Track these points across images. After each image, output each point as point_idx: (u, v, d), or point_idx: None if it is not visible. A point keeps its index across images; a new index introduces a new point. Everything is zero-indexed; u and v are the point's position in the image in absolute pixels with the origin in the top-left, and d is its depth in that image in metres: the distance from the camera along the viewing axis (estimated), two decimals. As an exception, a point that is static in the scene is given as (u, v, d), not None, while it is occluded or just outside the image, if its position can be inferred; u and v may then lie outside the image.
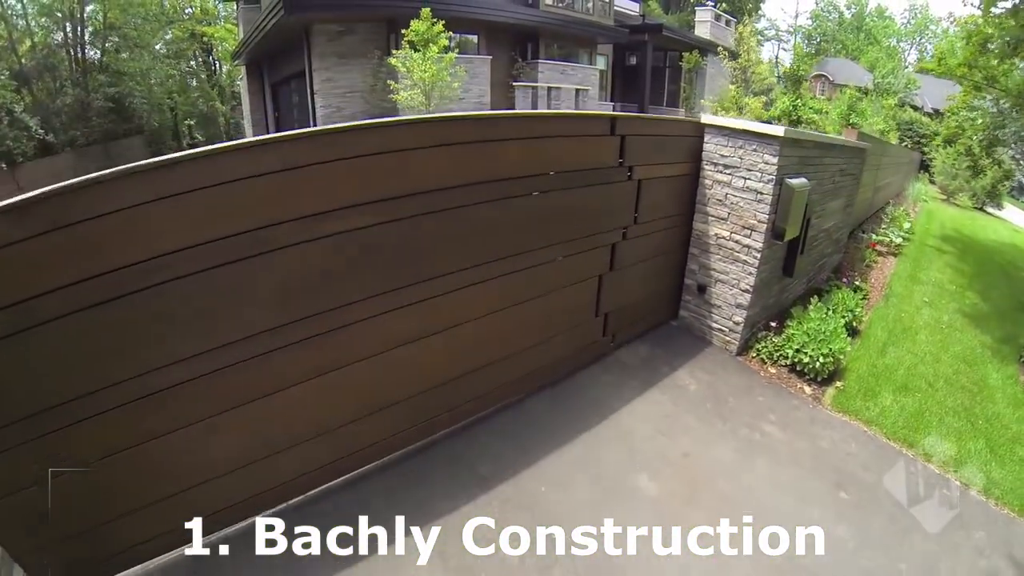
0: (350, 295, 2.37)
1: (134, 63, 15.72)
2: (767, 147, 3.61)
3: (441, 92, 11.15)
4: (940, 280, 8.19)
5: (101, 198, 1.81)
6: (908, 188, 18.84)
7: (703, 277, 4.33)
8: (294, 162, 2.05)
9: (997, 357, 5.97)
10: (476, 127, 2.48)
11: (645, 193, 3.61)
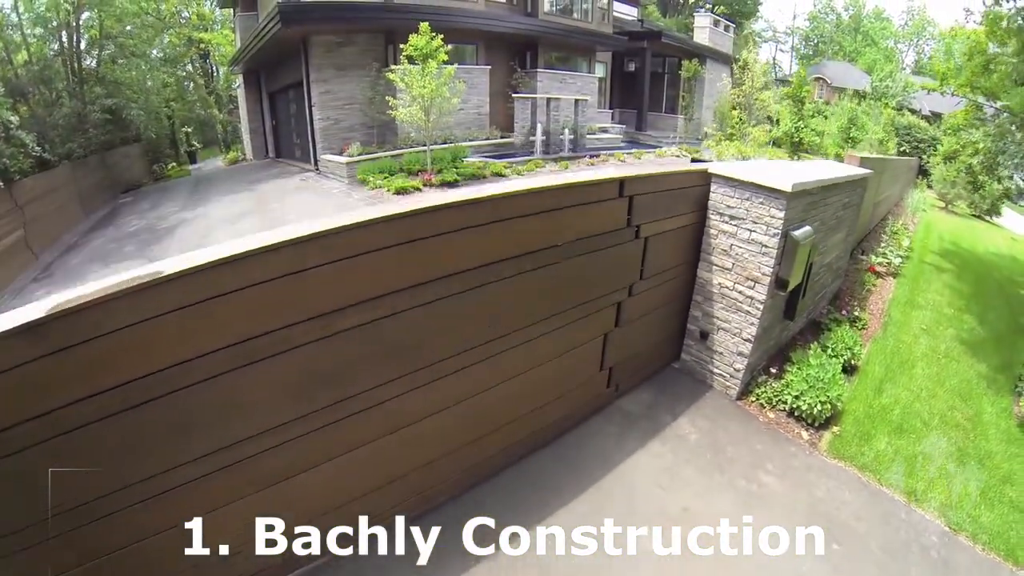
0: (364, 383, 2.41)
1: (130, 73, 15.62)
2: (774, 201, 3.65)
3: (440, 107, 11.12)
4: (938, 303, 8.27)
5: (113, 315, 1.84)
6: (907, 196, 18.94)
7: (706, 324, 4.39)
8: (302, 265, 2.08)
9: (992, 388, 6.06)
10: (494, 208, 2.51)
11: (651, 249, 3.66)
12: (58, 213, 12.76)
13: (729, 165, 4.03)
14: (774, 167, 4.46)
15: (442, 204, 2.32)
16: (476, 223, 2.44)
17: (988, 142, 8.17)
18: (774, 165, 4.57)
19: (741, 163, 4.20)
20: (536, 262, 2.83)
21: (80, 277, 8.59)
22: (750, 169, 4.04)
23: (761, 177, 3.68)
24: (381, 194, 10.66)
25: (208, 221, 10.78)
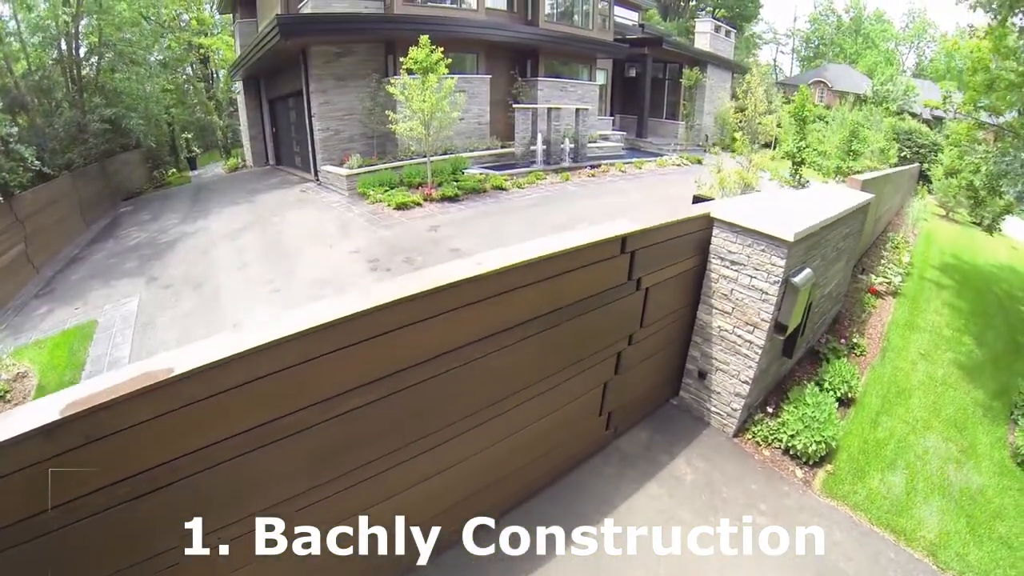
0: (366, 457, 2.47)
1: (130, 83, 15.63)
2: (775, 249, 3.68)
3: (440, 121, 11.09)
4: (937, 324, 8.30)
5: (126, 413, 1.89)
6: (908, 204, 18.96)
7: (704, 364, 4.45)
8: (310, 354, 2.14)
9: (988, 416, 6.10)
10: (495, 282, 2.52)
11: (652, 298, 3.69)
12: (58, 225, 12.77)
13: (731, 207, 4.04)
14: (776, 206, 4.46)
15: (444, 284, 2.36)
16: (477, 299, 2.49)
17: (990, 165, 8.18)
18: (777, 202, 4.57)
19: (743, 200, 4.21)
20: (537, 327, 2.88)
21: (81, 296, 8.63)
22: (752, 210, 4.04)
23: (763, 224, 3.70)
24: (381, 209, 10.69)
25: (209, 235, 10.81)
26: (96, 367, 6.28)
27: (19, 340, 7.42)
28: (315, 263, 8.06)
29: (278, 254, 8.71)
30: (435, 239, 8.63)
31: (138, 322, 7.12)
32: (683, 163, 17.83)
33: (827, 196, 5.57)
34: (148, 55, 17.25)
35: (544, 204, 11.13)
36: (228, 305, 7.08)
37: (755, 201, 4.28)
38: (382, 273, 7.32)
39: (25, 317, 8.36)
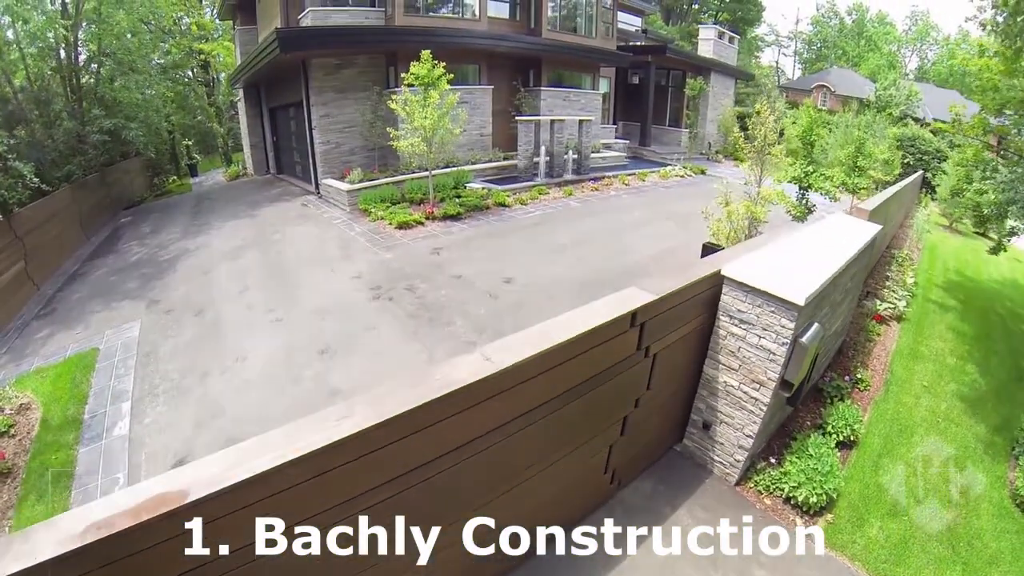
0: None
1: (129, 92, 15.58)
2: (786, 312, 3.65)
3: (442, 138, 11.03)
4: (941, 351, 8.29)
5: (142, 536, 1.89)
6: (911, 215, 18.92)
7: (709, 416, 4.45)
8: (321, 469, 2.13)
9: (989, 453, 6.09)
10: (508, 376, 2.50)
11: (660, 362, 3.68)
12: (59, 239, 12.76)
13: (742, 265, 3.97)
14: (786, 254, 4.41)
15: (456, 389, 2.34)
16: (486, 398, 2.47)
17: (998, 194, 8.13)
18: (786, 251, 4.52)
19: (753, 255, 4.14)
20: (544, 412, 2.86)
21: (83, 319, 8.62)
22: (763, 266, 3.97)
23: (774, 284, 3.66)
24: (383, 227, 10.68)
25: (209, 253, 10.80)
26: (98, 400, 6.29)
27: (21, 367, 7.43)
28: (316, 288, 8.06)
29: (279, 278, 8.71)
30: (437, 263, 8.63)
31: (140, 351, 7.12)
32: (687, 174, 17.79)
33: (836, 235, 5.54)
34: (148, 62, 17.18)
35: (547, 223, 11.12)
36: (229, 335, 7.08)
37: (765, 254, 4.24)
38: (384, 303, 7.32)
39: (27, 340, 8.36)
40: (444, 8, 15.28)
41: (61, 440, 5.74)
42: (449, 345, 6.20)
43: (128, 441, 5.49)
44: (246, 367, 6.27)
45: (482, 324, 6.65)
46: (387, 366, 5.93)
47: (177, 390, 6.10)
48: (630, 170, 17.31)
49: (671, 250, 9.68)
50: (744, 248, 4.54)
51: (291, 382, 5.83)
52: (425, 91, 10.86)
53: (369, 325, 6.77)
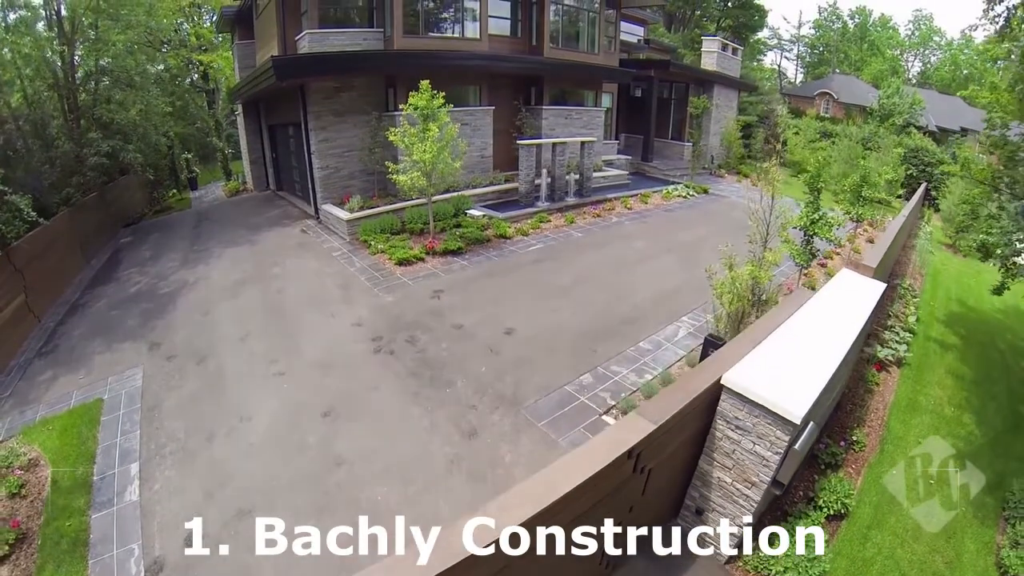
0: None
1: (126, 113, 15.63)
2: (781, 425, 3.77)
3: (442, 172, 11.12)
4: (939, 401, 8.44)
5: None
6: (915, 233, 19.06)
7: (702, 503, 4.62)
8: None
9: (979, 516, 6.23)
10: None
11: (655, 474, 3.83)
12: (59, 266, 12.84)
13: (741, 372, 4.06)
14: (788, 351, 4.50)
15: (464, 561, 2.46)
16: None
17: (1003, 235, 8.25)
18: (789, 343, 4.65)
19: (752, 355, 4.28)
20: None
21: (85, 361, 8.72)
22: (762, 366, 4.11)
23: (771, 396, 3.76)
24: (383, 262, 10.80)
25: (209, 287, 10.91)
26: (106, 460, 6.43)
27: (26, 415, 7.59)
28: (317, 337, 8.21)
29: (280, 322, 8.85)
30: (438, 310, 8.77)
31: (144, 404, 7.26)
32: (689, 194, 17.89)
33: (841, 307, 5.69)
34: (147, 79, 17.21)
35: (548, 258, 11.22)
36: (232, 389, 7.22)
37: (765, 351, 4.36)
38: (385, 357, 7.47)
39: (30, 383, 8.51)
40: (445, 28, 15.30)
41: (73, 504, 5.89)
42: (450, 411, 6.36)
43: (140, 508, 5.64)
44: (251, 428, 6.43)
45: (483, 384, 6.81)
46: (390, 434, 6.10)
47: (184, 452, 6.26)
48: (632, 190, 17.41)
49: (672, 292, 9.82)
50: (747, 340, 4.68)
51: (296, 449, 5.99)
52: (424, 122, 10.87)
53: (371, 384, 6.92)
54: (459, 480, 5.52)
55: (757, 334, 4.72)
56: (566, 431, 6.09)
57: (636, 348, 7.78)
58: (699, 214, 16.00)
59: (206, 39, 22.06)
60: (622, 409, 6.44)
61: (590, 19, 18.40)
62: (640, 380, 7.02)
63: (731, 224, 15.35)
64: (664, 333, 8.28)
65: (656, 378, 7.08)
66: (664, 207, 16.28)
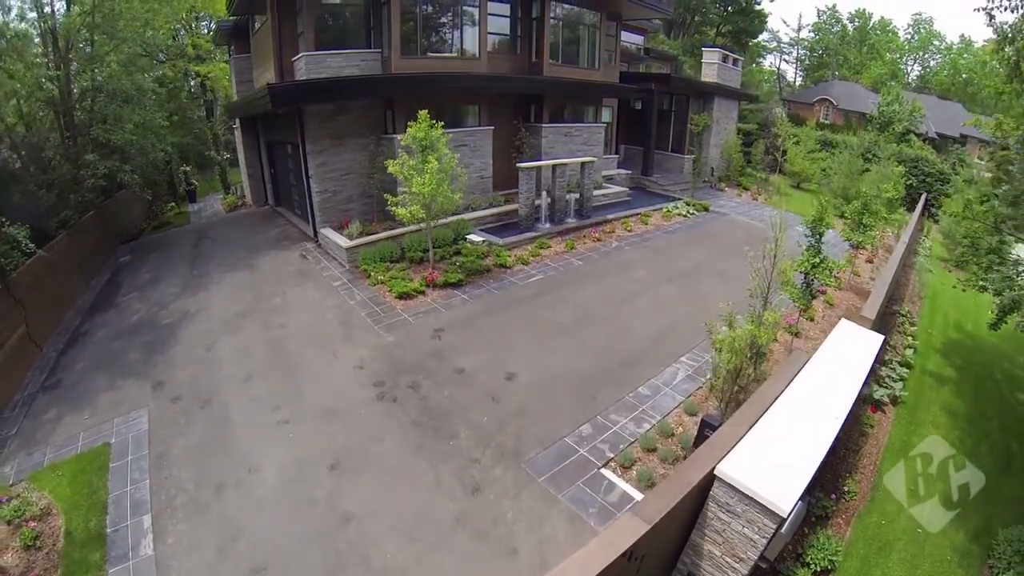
0: None
1: (124, 134, 15.77)
2: (770, 515, 4.03)
3: (442, 204, 11.19)
4: (932, 442, 8.80)
5: None
6: (915, 254, 19.41)
7: (693, 569, 4.94)
8: None
9: (964, 565, 6.52)
10: None
11: (650, 554, 4.13)
12: (58, 291, 12.99)
13: (734, 464, 4.31)
14: (783, 432, 4.79)
15: None
16: None
17: (1004, 281, 8.55)
18: (785, 422, 4.94)
19: (749, 441, 4.58)
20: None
21: (89, 399, 8.90)
22: (757, 454, 4.39)
23: (762, 487, 4.04)
24: (383, 295, 11.03)
25: (210, 319, 11.10)
26: (119, 510, 6.67)
27: (33, 457, 7.84)
28: (320, 381, 8.47)
29: (282, 363, 9.08)
30: (439, 352, 9.05)
31: (152, 450, 7.53)
32: (689, 213, 18.16)
33: (839, 368, 6.01)
34: (144, 94, 17.32)
35: (547, 291, 11.47)
36: (239, 437, 7.48)
37: (760, 432, 4.66)
38: (389, 405, 7.75)
39: (35, 421, 8.75)
40: (443, 48, 15.45)
41: (89, 558, 6.12)
42: (454, 465, 6.65)
43: (155, 563, 5.90)
44: (259, 481, 6.71)
45: (486, 436, 7.10)
46: (397, 489, 6.37)
47: (195, 504, 6.54)
48: (632, 209, 17.69)
49: (671, 328, 10.11)
50: (742, 420, 4.97)
51: (305, 504, 6.28)
52: (423, 153, 10.99)
53: (375, 435, 7.21)
54: (464, 538, 5.83)
55: (752, 411, 5.02)
56: (565, 487, 6.39)
57: (635, 394, 8.07)
58: (699, 236, 16.29)
59: (204, 49, 22.17)
60: (620, 463, 6.76)
61: (590, 34, 18.57)
62: (639, 430, 7.33)
63: (731, 246, 15.62)
64: (663, 376, 8.58)
65: (654, 428, 7.40)
66: (664, 228, 16.56)
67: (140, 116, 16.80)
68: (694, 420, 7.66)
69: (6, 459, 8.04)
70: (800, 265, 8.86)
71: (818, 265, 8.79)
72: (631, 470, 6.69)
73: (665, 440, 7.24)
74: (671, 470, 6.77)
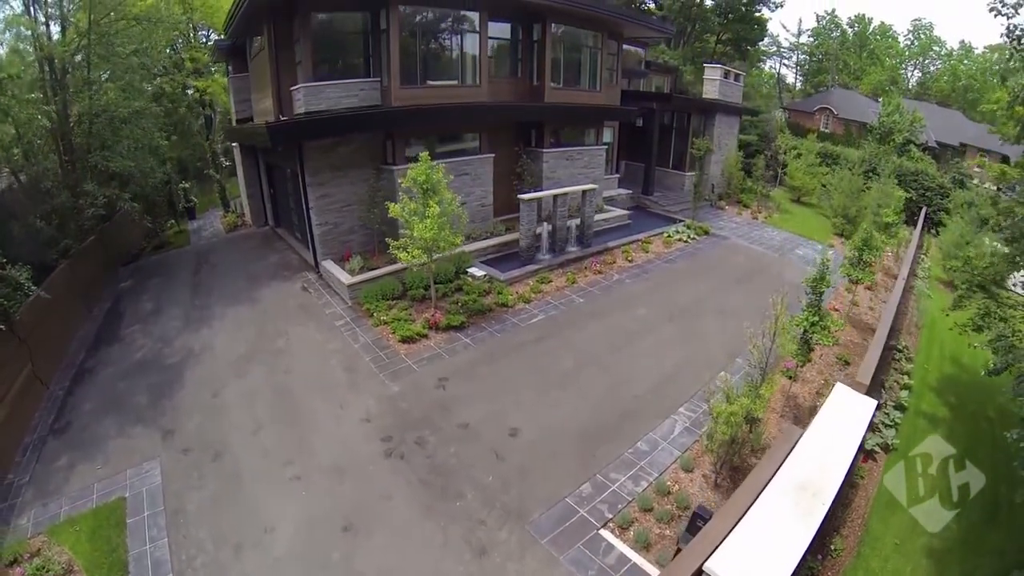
0: None
1: (122, 161, 16.09)
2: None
3: (443, 248, 11.44)
4: (920, 489, 9.35)
5: None
6: (914, 276, 19.99)
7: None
8: None
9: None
10: None
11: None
12: (61, 323, 13.31)
13: (722, 561, 4.80)
14: (773, 531, 5.31)
15: None
16: None
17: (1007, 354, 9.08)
18: (774, 523, 5.46)
19: (740, 533, 5.09)
20: None
21: (100, 447, 9.22)
22: (747, 549, 4.92)
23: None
24: (386, 338, 11.39)
25: (214, 360, 11.40)
26: (139, 570, 7.02)
27: (49, 508, 8.21)
28: (328, 434, 8.91)
29: (289, 414, 9.43)
30: (444, 403, 9.51)
31: (168, 506, 7.96)
32: (690, 237, 18.65)
33: (830, 445, 6.52)
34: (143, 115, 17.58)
35: (550, 334, 11.83)
36: (252, 494, 7.87)
37: (751, 522, 5.16)
38: (396, 462, 8.20)
39: (47, 468, 9.13)
40: (443, 76, 15.74)
41: None
42: (462, 526, 7.11)
43: None
44: (275, 541, 7.14)
45: (491, 497, 7.58)
46: (408, 551, 6.85)
47: (216, 565, 6.88)
48: (633, 234, 18.16)
49: (671, 375, 10.62)
50: (733, 509, 5.49)
51: (321, 567, 6.68)
52: (424, 197, 11.29)
53: (385, 493, 7.69)
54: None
55: (742, 500, 5.53)
56: (566, 548, 6.89)
57: (634, 450, 8.58)
58: (700, 266, 16.79)
59: (201, 62, 22.45)
60: (618, 524, 7.29)
61: (592, 55, 18.95)
62: (636, 489, 7.85)
63: (731, 276, 16.17)
64: (661, 429, 9.10)
65: (651, 487, 7.93)
66: (665, 256, 17.05)
67: (139, 138, 17.04)
68: (690, 477, 8.20)
69: (22, 509, 8.43)
70: (800, 323, 9.38)
71: (817, 323, 9.31)
72: (629, 531, 7.21)
73: (661, 500, 7.76)
74: (666, 528, 7.33)
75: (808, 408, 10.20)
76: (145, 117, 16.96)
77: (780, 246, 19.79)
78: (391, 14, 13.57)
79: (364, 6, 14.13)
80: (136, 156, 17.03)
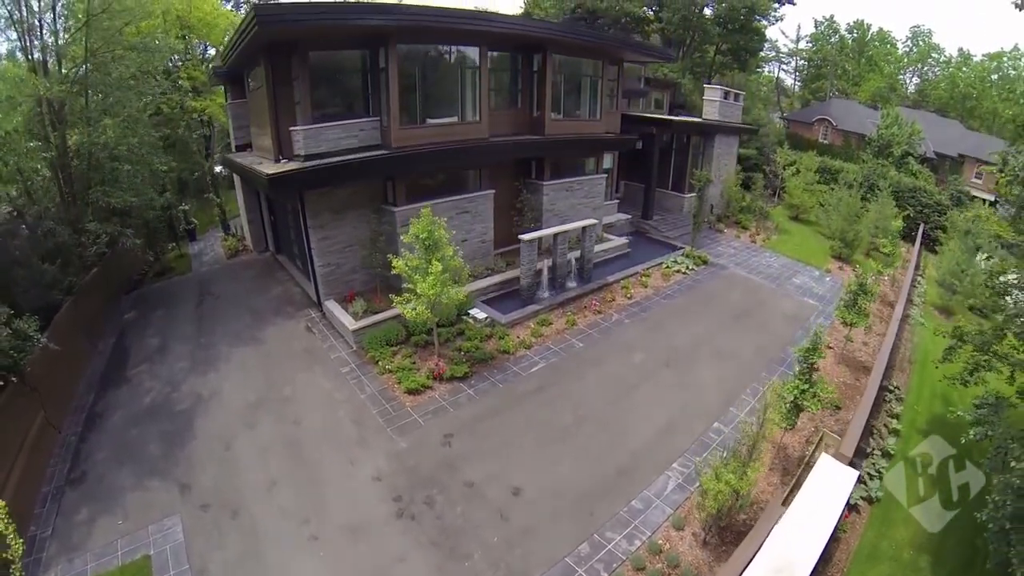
0: None
1: (123, 196, 16.64)
2: None
3: (446, 305, 12.07)
4: (900, 543, 9.81)
5: None
6: (912, 301, 20.91)
7: None
8: None
9: None
10: None
11: None
12: (67, 363, 13.90)
13: None
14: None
15: None
16: None
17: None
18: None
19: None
20: None
21: (118, 500, 9.78)
22: None
23: None
24: (392, 388, 12.08)
25: (223, 408, 11.97)
26: None
27: (75, 565, 8.66)
28: (341, 493, 9.63)
29: (301, 469, 10.06)
30: (450, 462, 10.24)
31: (192, 565, 8.65)
32: (688, 268, 19.48)
33: (810, 520, 7.41)
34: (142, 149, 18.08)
35: (550, 384, 12.58)
36: (274, 553, 8.46)
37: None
38: (408, 522, 9.05)
39: (68, 521, 9.67)
40: (443, 114, 16.15)
41: None
42: (472, 591, 8.02)
43: None
44: (300, 605, 7.99)
45: (497, 558, 8.39)
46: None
47: None
48: (632, 266, 18.95)
49: (666, 428, 11.44)
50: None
51: (341, 633, 7.60)
52: (426, 253, 11.85)
53: (399, 555, 8.46)
54: (479, 668, 7.19)
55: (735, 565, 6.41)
56: (567, 613, 7.78)
57: (628, 508, 9.41)
58: (697, 301, 17.59)
59: (199, 81, 22.93)
60: (614, 587, 8.16)
61: (592, 84, 19.66)
62: (630, 548, 8.68)
63: (728, 314, 16.94)
64: (655, 487, 9.94)
65: (643, 546, 8.79)
66: (663, 292, 17.84)
67: (137, 162, 17.52)
68: (680, 535, 9.05)
69: (48, 565, 9.01)
70: (791, 390, 10.18)
71: (807, 391, 10.12)
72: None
73: (653, 559, 8.62)
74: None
75: (797, 458, 11.06)
76: (144, 145, 17.39)
77: (778, 274, 20.64)
78: (390, 53, 14.01)
79: (363, 45, 14.55)
80: (136, 187, 17.53)
